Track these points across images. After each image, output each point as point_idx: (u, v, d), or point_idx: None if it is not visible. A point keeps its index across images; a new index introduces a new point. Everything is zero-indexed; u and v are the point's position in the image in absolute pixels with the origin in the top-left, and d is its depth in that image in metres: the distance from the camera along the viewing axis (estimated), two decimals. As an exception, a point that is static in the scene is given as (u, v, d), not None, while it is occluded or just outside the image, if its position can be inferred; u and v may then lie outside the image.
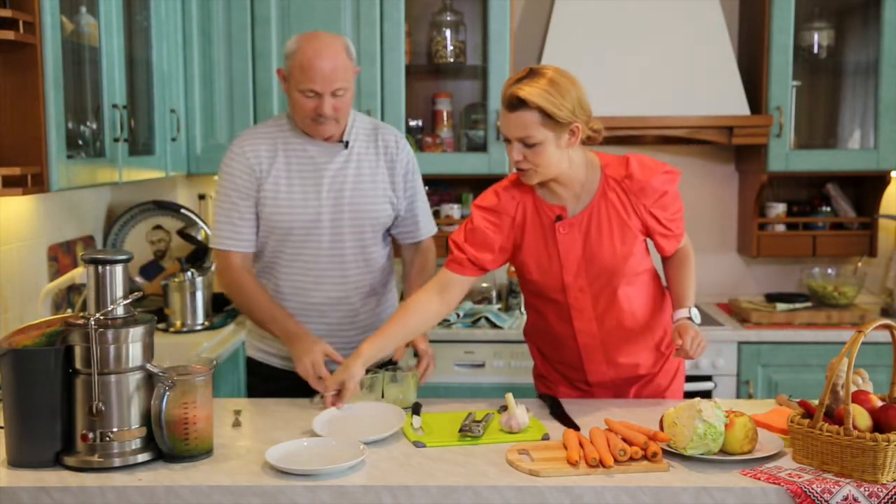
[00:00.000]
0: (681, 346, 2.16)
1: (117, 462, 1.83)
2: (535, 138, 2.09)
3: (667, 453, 1.87)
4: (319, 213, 2.42)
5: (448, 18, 3.73)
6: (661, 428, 1.92)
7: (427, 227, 2.63)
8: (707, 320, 3.56)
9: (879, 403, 1.83)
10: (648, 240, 2.29)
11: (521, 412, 2.06)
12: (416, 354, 2.45)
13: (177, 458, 1.86)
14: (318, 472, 1.78)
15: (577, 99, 2.10)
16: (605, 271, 2.22)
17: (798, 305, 3.62)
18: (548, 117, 2.07)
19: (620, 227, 2.21)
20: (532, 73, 2.10)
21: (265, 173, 2.41)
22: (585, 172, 2.21)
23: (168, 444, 1.85)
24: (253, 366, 2.63)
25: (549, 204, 2.23)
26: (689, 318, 2.23)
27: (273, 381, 2.51)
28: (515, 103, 2.09)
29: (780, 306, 3.60)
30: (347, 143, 2.45)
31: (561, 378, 2.43)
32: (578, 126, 2.11)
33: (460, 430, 2.03)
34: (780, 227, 3.81)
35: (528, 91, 2.06)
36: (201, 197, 3.92)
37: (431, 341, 3.44)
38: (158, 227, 3.69)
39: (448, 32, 3.72)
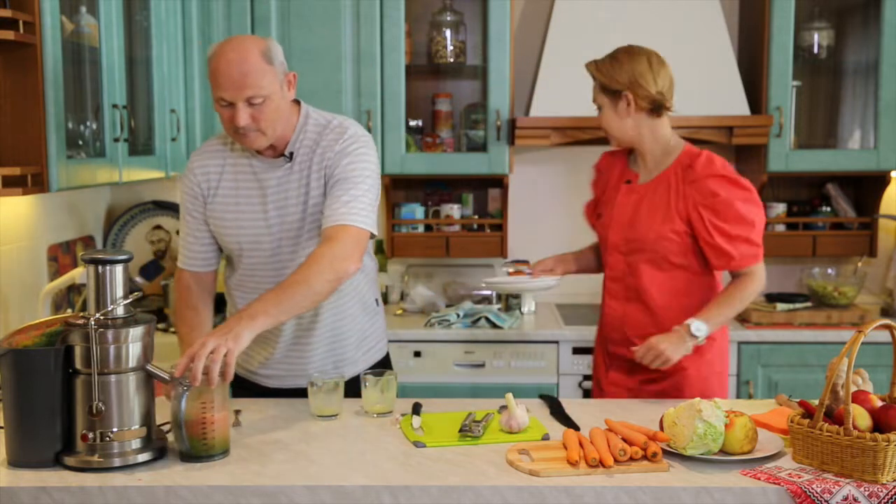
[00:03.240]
0: (637, 348, 2.33)
1: (117, 462, 1.83)
2: (597, 102, 2.48)
3: (667, 453, 1.87)
4: (266, 230, 2.29)
5: (448, 18, 3.73)
6: (661, 428, 1.92)
7: (336, 216, 2.17)
8: (707, 320, 3.55)
9: (879, 403, 1.83)
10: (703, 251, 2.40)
11: (521, 412, 2.06)
12: None
13: (195, 457, 1.87)
14: None
15: (632, 72, 2.39)
16: (638, 242, 2.44)
17: (798, 305, 3.62)
18: (603, 87, 2.44)
19: (666, 208, 2.41)
20: (610, 53, 2.45)
21: (213, 191, 2.33)
22: (661, 150, 2.46)
23: (187, 443, 1.85)
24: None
25: (631, 170, 2.54)
26: (689, 329, 2.29)
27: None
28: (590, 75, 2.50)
29: (780, 306, 3.60)
30: (291, 154, 2.27)
31: (599, 343, 2.64)
32: (629, 95, 2.39)
33: (460, 430, 2.03)
34: (780, 227, 3.81)
35: (593, 66, 2.47)
36: (201, 197, 3.92)
37: (431, 341, 3.47)
38: (158, 227, 3.69)
39: (448, 32, 3.72)
